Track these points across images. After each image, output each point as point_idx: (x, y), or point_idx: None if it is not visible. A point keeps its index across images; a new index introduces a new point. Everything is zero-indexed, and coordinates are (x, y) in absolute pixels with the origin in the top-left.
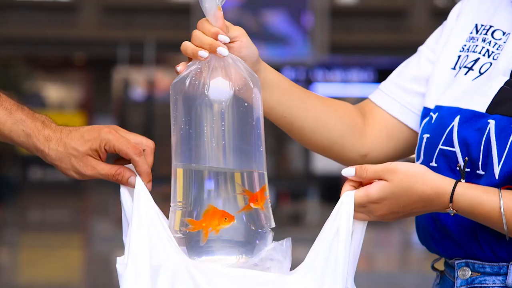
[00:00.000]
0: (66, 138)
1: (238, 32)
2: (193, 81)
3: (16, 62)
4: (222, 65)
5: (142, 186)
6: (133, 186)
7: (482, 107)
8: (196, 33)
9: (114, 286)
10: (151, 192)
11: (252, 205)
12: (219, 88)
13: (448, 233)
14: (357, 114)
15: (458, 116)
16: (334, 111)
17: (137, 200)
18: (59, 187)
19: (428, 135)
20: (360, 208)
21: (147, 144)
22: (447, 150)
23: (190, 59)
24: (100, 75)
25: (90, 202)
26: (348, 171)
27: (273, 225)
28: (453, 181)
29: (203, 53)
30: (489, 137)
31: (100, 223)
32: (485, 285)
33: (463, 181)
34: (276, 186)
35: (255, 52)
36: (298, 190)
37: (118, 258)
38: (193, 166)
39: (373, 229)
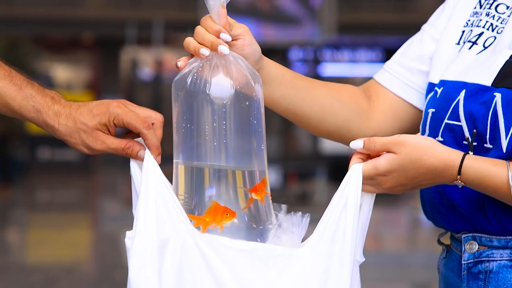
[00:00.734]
0: (75, 113)
1: (242, 30)
2: (195, 79)
3: (24, 42)
4: (224, 63)
5: (151, 159)
6: (143, 160)
7: (487, 81)
8: (198, 30)
9: (123, 266)
10: (160, 166)
11: (253, 195)
12: (221, 86)
13: (455, 207)
14: (362, 96)
15: (464, 90)
16: (339, 97)
17: (145, 174)
18: (67, 167)
19: (433, 110)
20: (368, 180)
21: (156, 117)
22: (453, 124)
23: (192, 55)
24: (108, 55)
25: (98, 182)
26: (356, 144)
27: (274, 222)
28: (461, 153)
29: (205, 51)
30: (496, 110)
31: (108, 202)
32: (493, 258)
33: (471, 153)
34: (284, 166)
35: (257, 50)
36: (306, 170)
37: (127, 232)
38: (195, 163)
39: (380, 207)
